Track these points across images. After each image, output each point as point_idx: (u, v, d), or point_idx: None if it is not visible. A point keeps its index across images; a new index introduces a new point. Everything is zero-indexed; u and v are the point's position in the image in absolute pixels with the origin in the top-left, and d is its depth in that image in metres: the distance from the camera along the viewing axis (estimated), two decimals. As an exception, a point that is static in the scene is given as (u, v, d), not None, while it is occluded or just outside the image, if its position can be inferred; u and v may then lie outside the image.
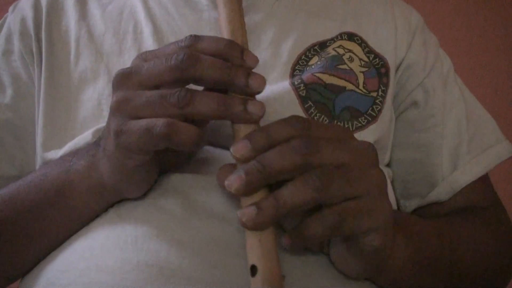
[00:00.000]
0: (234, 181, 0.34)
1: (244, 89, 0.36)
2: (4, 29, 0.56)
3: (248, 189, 0.34)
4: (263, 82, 0.36)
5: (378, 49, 0.54)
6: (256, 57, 0.37)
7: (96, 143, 0.43)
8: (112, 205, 0.43)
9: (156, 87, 0.36)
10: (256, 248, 0.34)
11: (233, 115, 0.35)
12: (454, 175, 0.55)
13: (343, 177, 0.34)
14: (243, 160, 0.34)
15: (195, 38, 0.37)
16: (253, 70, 0.37)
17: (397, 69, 0.56)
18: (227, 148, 0.45)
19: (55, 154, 0.48)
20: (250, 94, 0.37)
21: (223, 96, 0.35)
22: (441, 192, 0.56)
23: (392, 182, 0.59)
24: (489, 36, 1.23)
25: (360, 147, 0.36)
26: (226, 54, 0.36)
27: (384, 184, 0.37)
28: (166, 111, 0.35)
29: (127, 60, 0.51)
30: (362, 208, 0.35)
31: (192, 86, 0.36)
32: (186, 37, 0.37)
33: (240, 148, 0.34)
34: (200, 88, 0.38)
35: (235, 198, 0.37)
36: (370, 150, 0.37)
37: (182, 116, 0.35)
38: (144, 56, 0.39)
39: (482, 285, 0.52)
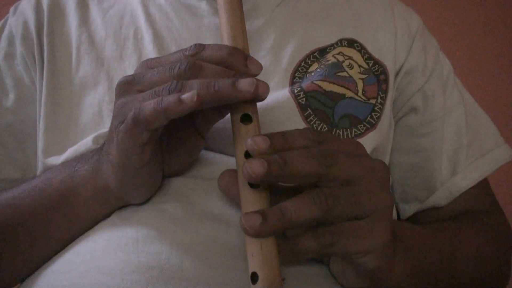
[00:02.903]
0: (256, 165, 0.33)
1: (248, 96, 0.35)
2: (6, 32, 0.56)
3: (266, 178, 0.33)
4: (266, 89, 0.36)
5: (377, 55, 0.54)
6: (260, 64, 0.37)
7: (100, 148, 0.43)
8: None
9: None
10: (257, 255, 0.34)
11: (222, 94, 0.34)
12: (453, 180, 0.55)
13: (349, 198, 0.34)
14: (259, 152, 0.34)
15: (199, 47, 0.37)
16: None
17: (396, 75, 0.56)
18: (228, 153, 0.46)
19: (56, 160, 0.49)
20: (254, 101, 0.37)
21: (212, 79, 0.35)
22: (440, 197, 0.56)
23: (391, 186, 0.59)
24: (489, 37, 1.22)
25: (373, 165, 0.36)
26: (230, 62, 0.37)
27: (389, 209, 0.37)
28: None
29: (127, 66, 0.51)
30: (359, 230, 0.35)
31: None
32: (191, 46, 0.37)
33: (258, 141, 0.34)
34: None
35: (236, 202, 0.38)
36: (382, 170, 0.37)
37: None
38: (148, 64, 0.39)
39: None
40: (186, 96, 0.33)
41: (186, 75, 0.35)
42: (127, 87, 0.38)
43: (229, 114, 0.39)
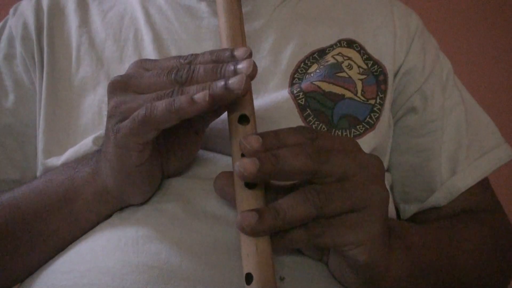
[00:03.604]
0: (248, 163, 0.33)
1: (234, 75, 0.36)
2: (6, 33, 0.56)
3: (259, 176, 0.33)
4: (250, 65, 0.36)
5: (376, 55, 0.54)
6: (246, 48, 0.37)
7: (99, 150, 0.43)
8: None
9: None
10: (252, 256, 0.34)
11: (216, 95, 0.35)
12: (453, 180, 0.55)
13: (342, 194, 0.34)
14: (251, 151, 0.34)
15: (194, 55, 0.38)
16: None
17: (395, 75, 0.56)
18: (227, 154, 0.46)
19: (56, 161, 0.49)
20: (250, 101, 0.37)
21: (207, 83, 0.36)
22: (440, 197, 0.56)
23: (391, 186, 0.59)
24: (489, 37, 1.22)
25: (367, 160, 0.36)
26: (218, 58, 0.37)
27: (383, 202, 0.37)
28: None
29: (127, 68, 0.51)
30: (349, 222, 0.35)
31: None
32: (187, 55, 0.38)
33: (251, 140, 0.34)
34: None
35: (232, 203, 0.38)
36: (376, 164, 0.37)
37: None
38: (143, 65, 0.39)
39: None
40: (198, 96, 0.34)
41: (183, 80, 0.36)
42: (122, 86, 0.38)
43: (227, 115, 0.39)
